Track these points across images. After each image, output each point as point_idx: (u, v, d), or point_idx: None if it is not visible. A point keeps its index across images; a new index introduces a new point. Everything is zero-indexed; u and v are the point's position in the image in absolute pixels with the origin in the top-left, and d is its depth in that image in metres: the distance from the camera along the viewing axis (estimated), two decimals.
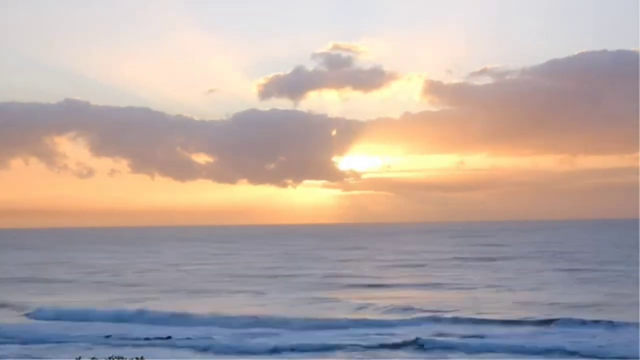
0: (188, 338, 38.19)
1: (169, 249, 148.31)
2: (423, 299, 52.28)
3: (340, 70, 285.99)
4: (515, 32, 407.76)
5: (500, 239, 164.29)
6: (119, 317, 45.38)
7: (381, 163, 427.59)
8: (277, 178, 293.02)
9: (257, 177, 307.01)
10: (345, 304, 50.18)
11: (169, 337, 38.51)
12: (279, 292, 59.11)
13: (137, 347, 35.84)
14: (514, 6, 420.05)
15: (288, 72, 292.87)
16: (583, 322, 40.62)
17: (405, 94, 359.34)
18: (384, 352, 34.80)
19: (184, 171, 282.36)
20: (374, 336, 37.99)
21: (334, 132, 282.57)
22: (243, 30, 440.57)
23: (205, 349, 36.10)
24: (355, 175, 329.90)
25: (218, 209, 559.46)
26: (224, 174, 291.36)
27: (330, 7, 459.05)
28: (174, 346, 36.81)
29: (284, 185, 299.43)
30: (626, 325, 39.59)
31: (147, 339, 38.54)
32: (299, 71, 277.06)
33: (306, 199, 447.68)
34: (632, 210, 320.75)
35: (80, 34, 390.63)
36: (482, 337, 37.28)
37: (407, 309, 46.89)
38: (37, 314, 48.06)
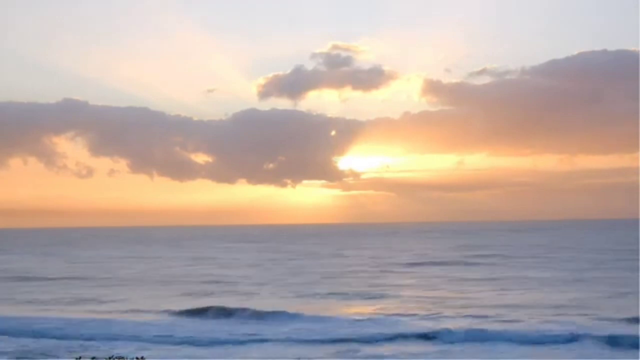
0: None
1: (110, 250, 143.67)
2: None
3: (339, 70, 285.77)
4: (515, 32, 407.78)
5: (482, 241, 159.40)
6: None
7: (381, 163, 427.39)
8: (277, 178, 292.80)
9: (256, 177, 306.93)
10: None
11: None
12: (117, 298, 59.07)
13: None
14: (514, 6, 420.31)
15: (288, 71, 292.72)
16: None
17: (404, 94, 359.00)
18: None
19: (183, 171, 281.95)
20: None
21: (333, 132, 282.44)
22: (242, 29, 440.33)
23: None
24: (355, 175, 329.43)
25: (217, 209, 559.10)
26: (223, 173, 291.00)
27: (329, 7, 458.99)
28: None
29: (283, 185, 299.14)
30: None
31: None
32: (298, 71, 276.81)
33: (305, 199, 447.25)
34: (632, 210, 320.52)
35: (79, 34, 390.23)
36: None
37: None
38: None
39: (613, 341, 36.52)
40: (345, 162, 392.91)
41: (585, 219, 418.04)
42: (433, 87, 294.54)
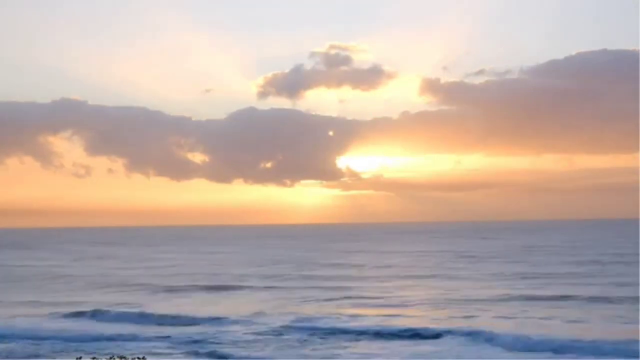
0: None
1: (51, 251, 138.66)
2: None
3: (338, 70, 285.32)
4: (515, 32, 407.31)
5: (461, 242, 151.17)
6: None
7: (380, 163, 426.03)
8: (275, 177, 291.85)
9: (254, 176, 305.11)
10: None
11: None
12: None
13: None
14: (513, 6, 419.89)
15: (286, 71, 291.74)
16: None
17: (403, 93, 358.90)
18: None
19: (180, 170, 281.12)
20: None
21: (331, 132, 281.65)
22: (241, 29, 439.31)
23: None
24: (354, 174, 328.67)
25: (214, 209, 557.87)
26: (220, 173, 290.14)
27: (328, 7, 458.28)
28: None
29: (282, 185, 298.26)
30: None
31: None
32: (297, 70, 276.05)
33: (304, 199, 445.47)
34: (632, 210, 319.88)
35: (77, 33, 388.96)
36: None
37: None
38: None
39: None
40: (344, 161, 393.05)
41: (585, 219, 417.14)
42: (431, 86, 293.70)
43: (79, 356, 27.76)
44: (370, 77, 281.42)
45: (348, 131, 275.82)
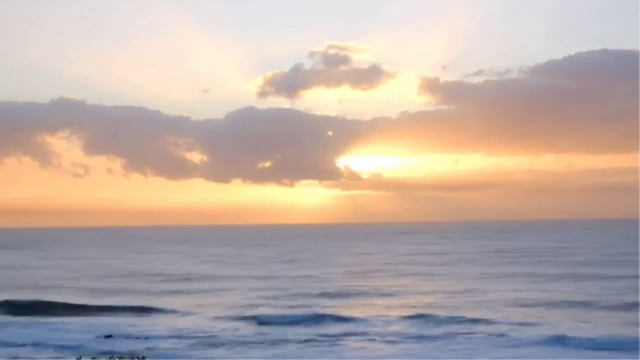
0: None
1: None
2: None
3: (337, 69, 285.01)
4: (514, 32, 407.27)
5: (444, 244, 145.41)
6: None
7: (379, 163, 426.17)
8: (274, 177, 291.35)
9: (253, 176, 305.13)
10: None
11: None
12: None
13: None
14: (513, 5, 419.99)
15: (286, 70, 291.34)
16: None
17: (403, 93, 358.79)
18: None
19: (179, 170, 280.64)
20: None
21: (331, 132, 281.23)
22: (240, 28, 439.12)
23: None
24: (353, 174, 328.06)
25: (213, 208, 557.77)
26: (219, 173, 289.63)
27: (327, 6, 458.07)
28: None
29: (281, 185, 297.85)
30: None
31: None
32: (296, 70, 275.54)
33: (303, 199, 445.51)
34: (632, 210, 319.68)
35: (76, 33, 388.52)
36: None
37: None
38: None
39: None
40: (343, 161, 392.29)
41: (584, 219, 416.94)
42: (431, 86, 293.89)
43: (78, 356, 27.24)
44: (370, 76, 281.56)
45: (347, 131, 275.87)
